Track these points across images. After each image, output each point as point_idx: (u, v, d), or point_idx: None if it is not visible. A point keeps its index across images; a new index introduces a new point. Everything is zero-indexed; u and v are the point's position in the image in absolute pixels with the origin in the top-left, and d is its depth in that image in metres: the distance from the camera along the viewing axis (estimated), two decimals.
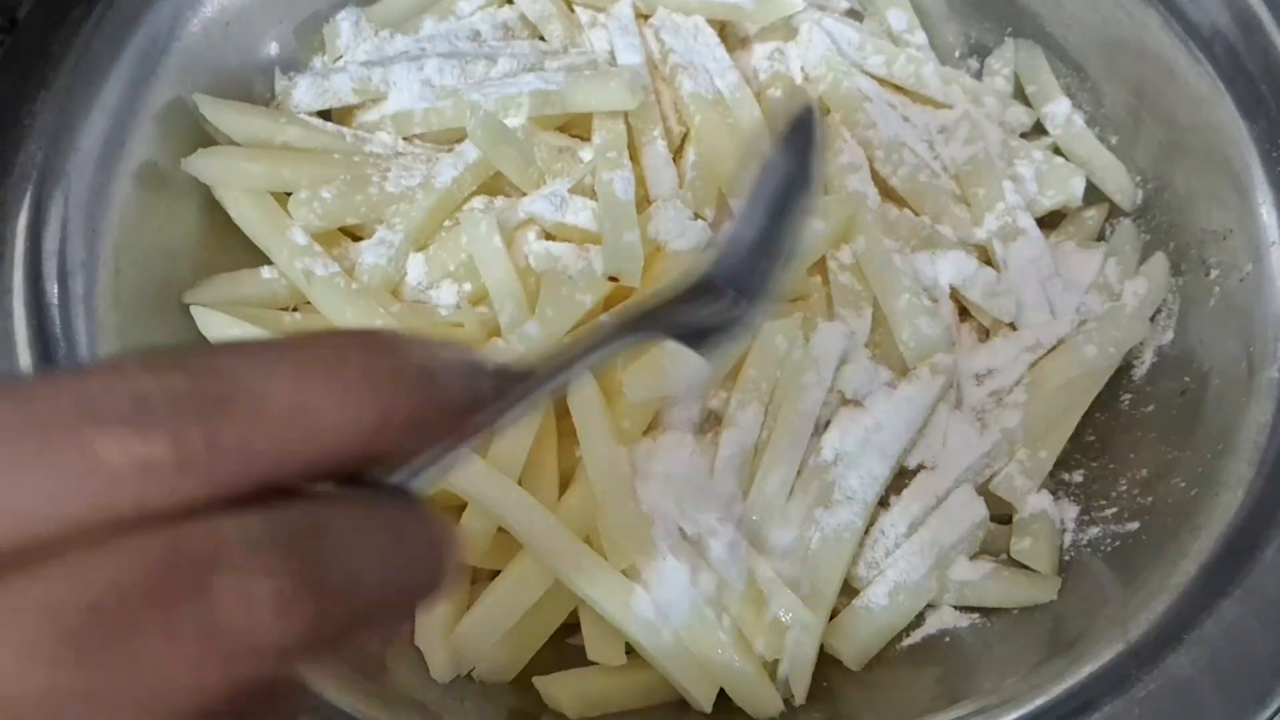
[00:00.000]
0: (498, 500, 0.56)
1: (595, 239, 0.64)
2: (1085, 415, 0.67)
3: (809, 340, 0.63)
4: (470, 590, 0.60)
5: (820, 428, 0.63)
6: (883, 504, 0.62)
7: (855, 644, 0.59)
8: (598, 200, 0.64)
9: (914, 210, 0.71)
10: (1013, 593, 0.60)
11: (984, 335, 0.70)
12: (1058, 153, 0.75)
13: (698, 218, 0.66)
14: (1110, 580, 0.59)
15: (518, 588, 0.57)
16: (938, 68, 0.76)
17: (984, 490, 0.64)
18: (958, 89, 0.75)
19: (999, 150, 0.73)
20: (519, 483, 0.57)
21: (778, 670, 0.57)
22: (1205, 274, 0.66)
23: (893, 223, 0.69)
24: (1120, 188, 0.73)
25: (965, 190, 0.71)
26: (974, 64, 0.80)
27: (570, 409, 0.59)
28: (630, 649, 0.58)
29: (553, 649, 0.59)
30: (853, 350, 0.64)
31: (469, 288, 0.65)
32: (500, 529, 0.57)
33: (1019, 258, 0.68)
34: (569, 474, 0.61)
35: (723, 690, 0.57)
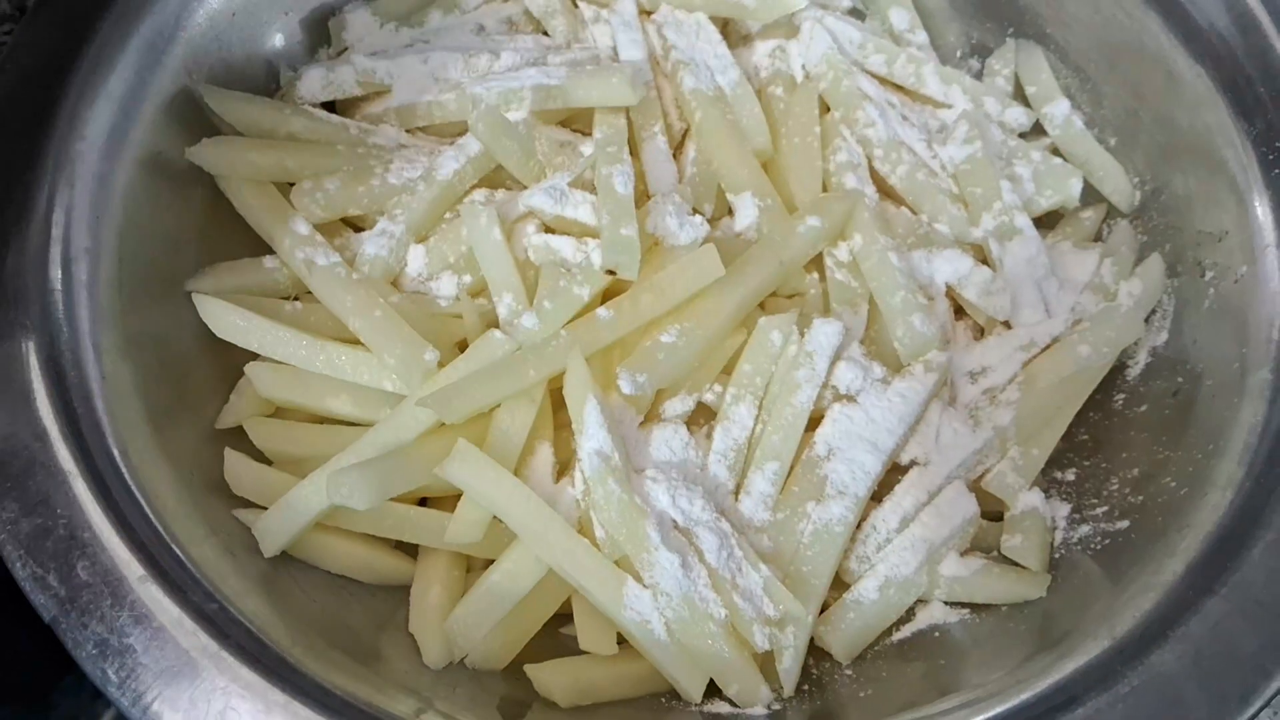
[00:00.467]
0: (492, 490, 0.56)
1: (594, 232, 0.65)
2: (1079, 414, 0.67)
3: (804, 336, 0.63)
4: (464, 579, 0.61)
5: (814, 423, 0.63)
6: (875, 499, 0.63)
7: (845, 637, 0.59)
8: (597, 194, 0.65)
9: (912, 209, 0.72)
10: (1002, 589, 0.61)
11: (979, 333, 0.70)
12: (1057, 153, 0.76)
13: (696, 213, 0.66)
14: (1099, 578, 0.59)
15: (511, 577, 0.57)
16: (938, 67, 0.77)
17: (976, 487, 0.64)
18: (958, 89, 0.76)
19: (997, 150, 0.73)
20: (514, 473, 0.58)
21: (777, 663, 0.58)
22: (1201, 275, 0.66)
23: (890, 221, 0.70)
24: (1118, 189, 0.73)
25: (963, 189, 0.71)
26: (975, 64, 0.81)
27: (566, 400, 0.60)
28: (622, 639, 0.58)
29: (545, 638, 0.60)
30: (847, 346, 0.64)
31: (468, 279, 0.66)
32: (495, 519, 0.58)
33: (1015, 257, 0.69)
34: (564, 465, 0.61)
35: (712, 680, 0.57)
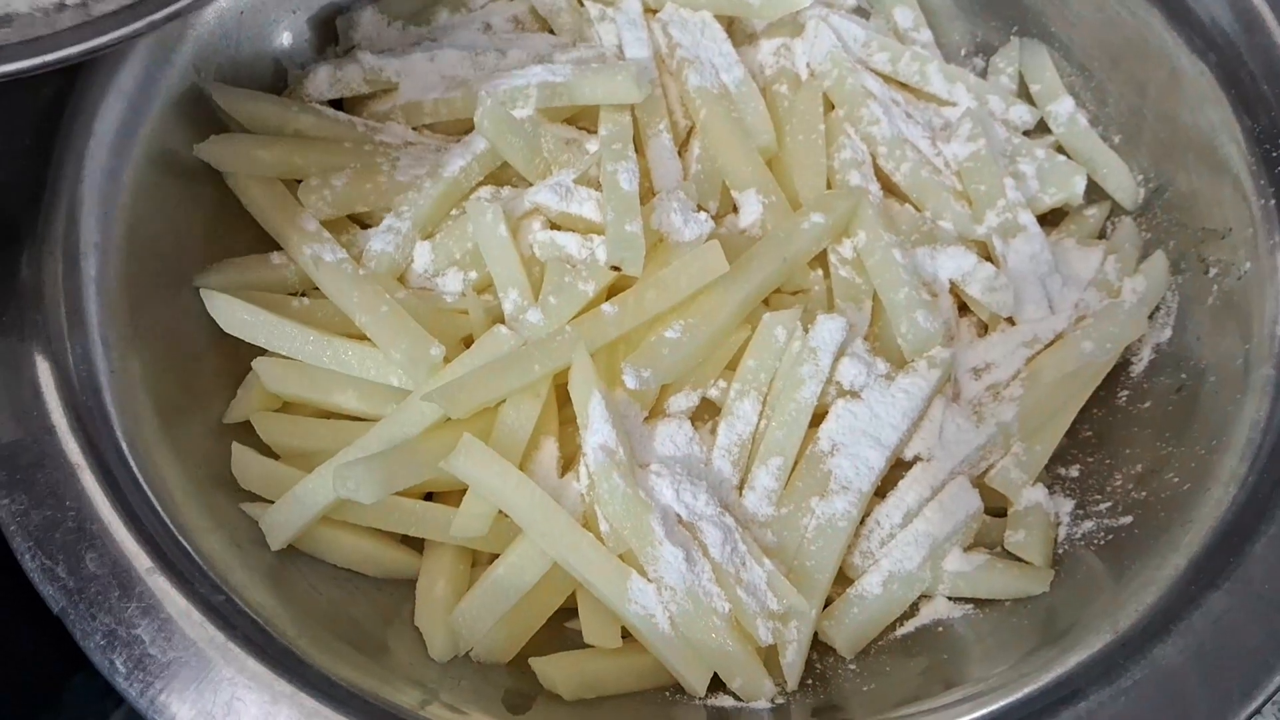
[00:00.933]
0: (498, 485, 0.57)
1: (599, 229, 0.65)
2: (1083, 411, 0.67)
3: (808, 332, 0.64)
4: (470, 573, 0.61)
5: (817, 418, 0.63)
6: (878, 494, 0.63)
7: (848, 632, 0.60)
8: (602, 191, 0.65)
9: (916, 206, 0.72)
10: (1006, 584, 0.61)
11: (983, 330, 0.70)
12: (1061, 151, 0.76)
13: (700, 209, 0.67)
14: (1102, 573, 0.59)
15: (516, 571, 0.57)
16: (942, 65, 0.77)
17: (979, 483, 0.65)
18: (962, 87, 0.76)
19: (1001, 148, 0.73)
20: (519, 468, 0.58)
21: (781, 657, 0.58)
22: (1204, 272, 0.67)
23: (894, 218, 0.70)
24: (1122, 186, 0.73)
25: (967, 186, 0.72)
26: (979, 62, 0.81)
27: (571, 395, 0.60)
28: (626, 633, 0.58)
29: (550, 632, 0.60)
30: (851, 342, 0.64)
31: (474, 275, 0.66)
32: (500, 513, 0.58)
33: (1019, 254, 0.69)
34: (569, 460, 0.62)
35: (716, 674, 0.57)
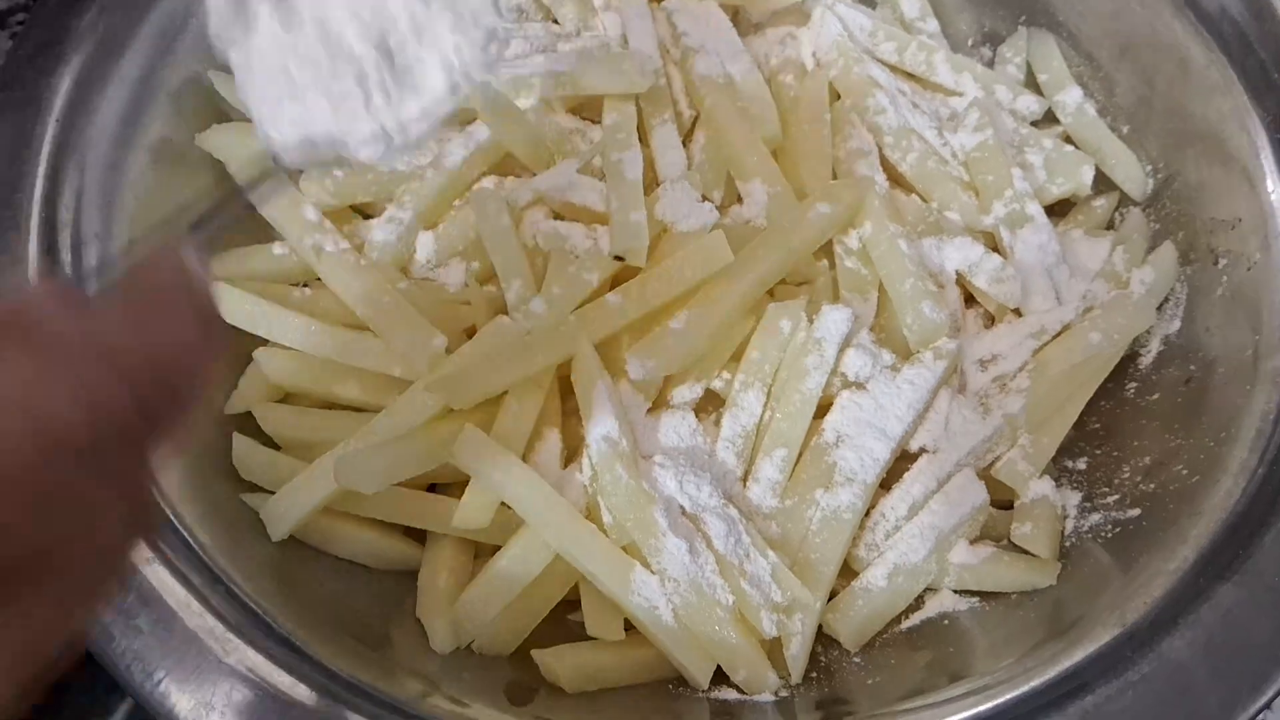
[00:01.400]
0: (500, 476, 0.56)
1: (603, 219, 0.65)
2: (1090, 403, 0.67)
3: (813, 323, 0.63)
4: (472, 565, 0.61)
5: (822, 410, 0.63)
6: (884, 487, 0.63)
7: (853, 625, 0.59)
8: (606, 180, 0.65)
9: (922, 196, 0.71)
10: (1012, 577, 0.60)
11: (989, 321, 0.70)
12: (1069, 141, 0.75)
13: (705, 199, 0.66)
14: (1110, 565, 0.58)
15: (518, 563, 0.57)
16: (949, 55, 0.76)
17: (986, 475, 0.64)
18: (969, 76, 0.75)
19: (1009, 138, 0.73)
20: (522, 459, 0.58)
21: (785, 650, 0.58)
22: (1214, 263, 0.66)
23: (900, 208, 0.69)
24: (1130, 176, 0.73)
25: (974, 177, 0.71)
26: (986, 52, 0.80)
27: (574, 386, 0.60)
28: (629, 625, 0.58)
29: (552, 624, 0.60)
30: (857, 333, 0.64)
31: (477, 266, 0.66)
32: (502, 505, 0.58)
33: (1026, 244, 0.68)
34: (572, 451, 0.61)
35: (719, 667, 0.57)
